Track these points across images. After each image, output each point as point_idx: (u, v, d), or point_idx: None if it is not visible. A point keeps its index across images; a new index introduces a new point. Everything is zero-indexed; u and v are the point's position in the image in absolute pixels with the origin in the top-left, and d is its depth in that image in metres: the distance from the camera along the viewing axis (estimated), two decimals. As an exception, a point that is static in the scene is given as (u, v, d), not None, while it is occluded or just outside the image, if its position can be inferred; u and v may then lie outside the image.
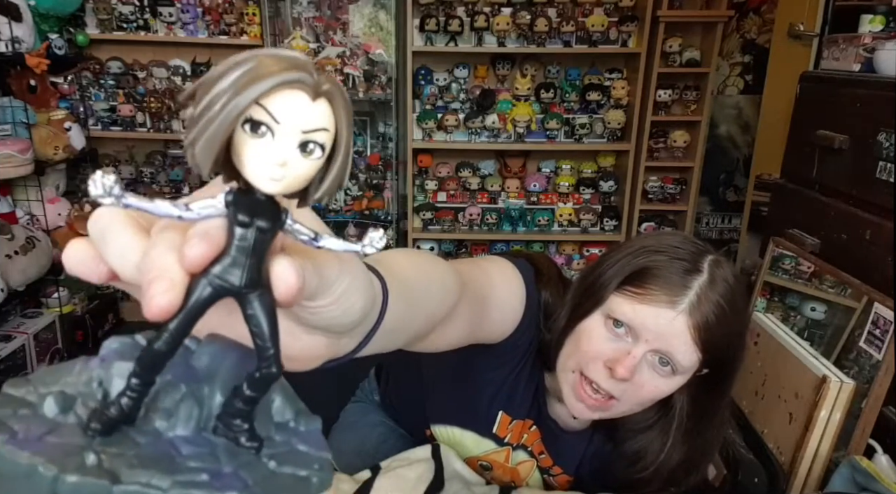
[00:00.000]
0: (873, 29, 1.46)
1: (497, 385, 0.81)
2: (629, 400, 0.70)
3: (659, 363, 0.68)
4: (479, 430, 0.87)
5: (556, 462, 0.87)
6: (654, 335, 0.66)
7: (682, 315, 0.65)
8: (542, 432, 0.85)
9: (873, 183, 1.29)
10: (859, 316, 1.26)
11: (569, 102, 2.58)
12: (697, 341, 0.66)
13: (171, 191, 2.69)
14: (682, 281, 0.66)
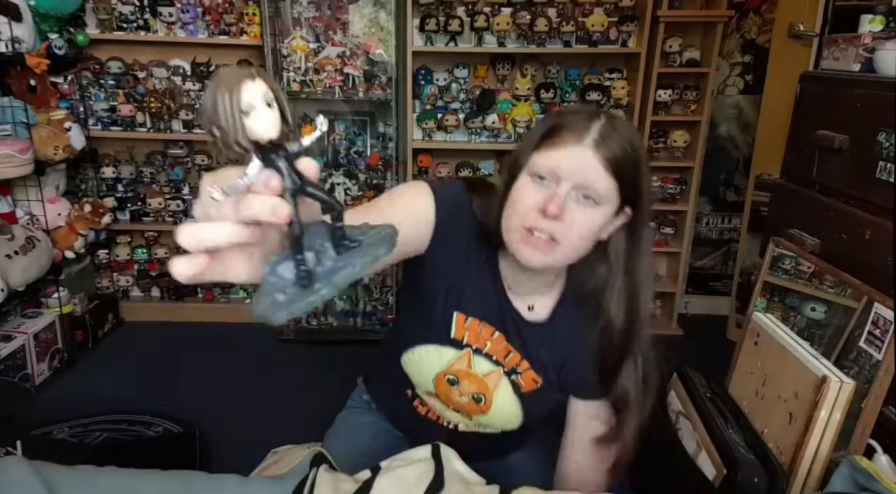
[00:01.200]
0: (873, 29, 1.46)
1: (444, 289, 0.90)
2: (568, 240, 0.80)
3: (583, 198, 0.79)
4: (439, 339, 0.93)
5: (522, 356, 0.92)
6: (570, 171, 0.78)
7: (589, 148, 0.77)
8: (507, 329, 0.92)
9: (873, 183, 1.29)
10: (859, 316, 1.26)
11: (569, 102, 2.57)
12: (608, 168, 0.77)
13: (171, 191, 2.69)
14: (585, 124, 0.79)
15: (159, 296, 2.79)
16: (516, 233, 0.81)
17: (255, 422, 1.98)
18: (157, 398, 2.11)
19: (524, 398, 0.95)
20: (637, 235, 0.85)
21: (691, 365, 1.62)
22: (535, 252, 0.80)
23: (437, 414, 1.03)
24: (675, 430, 1.51)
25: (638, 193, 0.81)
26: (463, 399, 0.96)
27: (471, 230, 0.89)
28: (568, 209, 0.78)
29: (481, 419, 0.98)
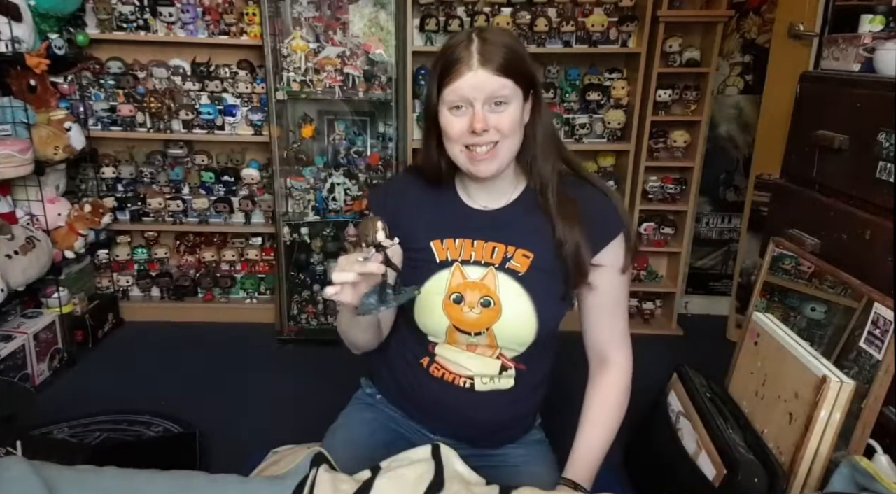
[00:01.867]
0: (873, 29, 1.46)
1: (417, 235, 1.05)
2: (503, 137, 0.95)
3: (495, 105, 0.94)
4: (430, 271, 1.04)
5: (504, 243, 1.02)
6: (475, 91, 0.93)
7: (480, 68, 0.92)
8: (481, 232, 1.03)
9: (873, 183, 1.29)
10: (859, 316, 1.26)
11: (569, 102, 2.58)
12: (501, 74, 0.93)
13: (171, 191, 2.69)
14: (466, 52, 0.93)
15: (159, 296, 2.79)
16: (461, 155, 0.97)
17: (256, 422, 1.98)
18: (158, 398, 2.11)
19: (527, 282, 1.01)
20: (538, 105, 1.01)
21: (691, 365, 1.63)
22: (483, 164, 0.96)
23: (453, 373, 1.06)
24: (676, 430, 1.51)
25: (532, 79, 0.98)
26: (474, 312, 1.01)
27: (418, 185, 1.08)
28: (489, 118, 0.94)
29: (500, 328, 1.02)
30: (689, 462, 1.40)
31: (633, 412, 1.92)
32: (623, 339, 1.09)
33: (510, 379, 1.07)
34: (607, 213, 1.02)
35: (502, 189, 1.05)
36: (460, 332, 1.03)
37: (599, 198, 1.03)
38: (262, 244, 2.78)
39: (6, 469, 0.78)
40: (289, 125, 2.58)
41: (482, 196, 1.05)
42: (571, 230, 0.99)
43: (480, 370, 1.05)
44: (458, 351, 1.05)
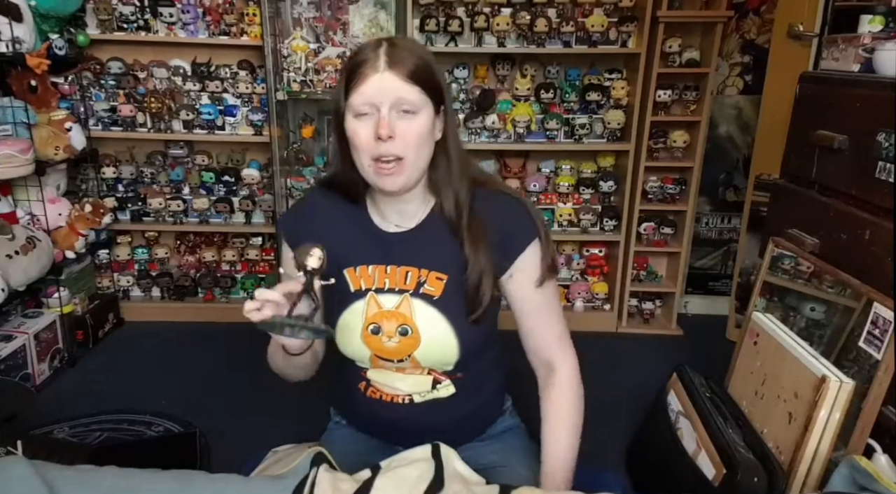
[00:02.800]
0: (873, 29, 1.46)
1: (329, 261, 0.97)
2: (409, 151, 0.91)
3: (403, 113, 0.90)
4: (346, 302, 1.01)
5: (417, 266, 1.00)
6: (381, 94, 0.89)
7: (387, 71, 0.89)
8: (392, 256, 1.01)
9: (873, 183, 1.30)
10: (858, 316, 1.26)
11: (568, 102, 2.58)
12: (409, 80, 0.89)
13: (172, 191, 2.69)
14: (374, 55, 0.90)
15: (160, 296, 2.79)
16: (369, 168, 0.92)
17: (256, 422, 1.98)
18: (158, 398, 2.11)
19: (442, 305, 0.99)
20: (450, 123, 0.98)
21: (691, 365, 1.63)
22: (389, 178, 0.92)
23: (390, 394, 1.06)
24: (675, 430, 1.52)
25: (441, 92, 0.94)
26: (393, 342, 1.00)
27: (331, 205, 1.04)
28: (396, 126, 0.89)
29: (420, 353, 1.00)
30: (688, 461, 1.40)
31: (633, 412, 1.93)
32: (561, 341, 1.05)
33: (449, 388, 1.06)
34: (520, 222, 1.00)
35: (412, 208, 1.01)
36: (383, 360, 1.03)
37: (512, 208, 1.01)
38: (263, 244, 2.78)
39: (7, 469, 0.78)
40: (289, 125, 2.58)
41: (393, 216, 1.01)
42: (477, 256, 0.96)
43: (414, 388, 1.05)
44: (389, 374, 1.04)
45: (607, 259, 2.79)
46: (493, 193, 1.02)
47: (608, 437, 1.90)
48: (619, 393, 2.16)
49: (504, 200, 1.01)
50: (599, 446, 1.86)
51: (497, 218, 0.99)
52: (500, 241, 0.98)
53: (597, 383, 2.32)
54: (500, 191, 1.03)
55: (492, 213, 0.99)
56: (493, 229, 0.98)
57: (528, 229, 1.00)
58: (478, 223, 0.98)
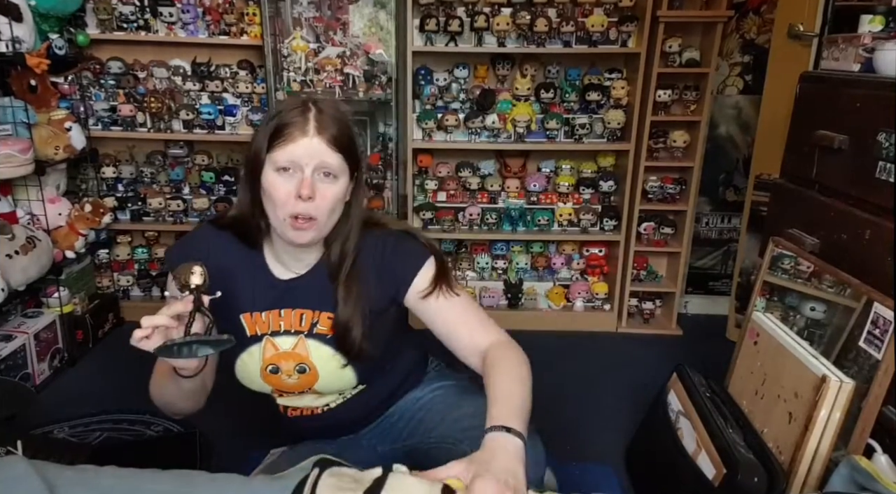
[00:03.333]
0: (873, 29, 1.46)
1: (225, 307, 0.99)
2: (323, 213, 0.97)
3: (324, 175, 0.96)
4: (243, 346, 1.06)
5: (311, 309, 1.06)
6: (308, 157, 0.94)
7: (315, 136, 0.95)
8: (285, 300, 1.06)
9: (873, 183, 1.30)
10: (859, 316, 1.26)
11: (569, 102, 2.58)
12: (333, 147, 0.95)
13: (172, 191, 2.69)
14: (302, 118, 0.95)
15: (160, 296, 2.79)
16: (284, 221, 0.97)
17: (256, 422, 1.97)
18: (158, 397, 2.11)
19: (335, 343, 1.06)
20: (358, 187, 1.05)
21: (691, 364, 1.63)
22: (300, 232, 0.97)
23: (309, 408, 1.15)
24: (675, 430, 1.52)
25: (358, 160, 1.01)
26: (292, 379, 1.07)
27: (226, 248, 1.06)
28: (317, 188, 0.95)
29: (320, 387, 1.08)
30: (688, 461, 1.40)
31: (633, 411, 1.93)
32: (483, 328, 1.08)
33: (359, 389, 1.14)
34: (406, 253, 1.08)
35: (305, 257, 1.07)
36: (284, 393, 1.11)
37: (402, 238, 1.09)
38: (263, 244, 2.78)
39: (7, 469, 0.78)
40: (289, 125, 2.57)
41: (290, 262, 1.07)
42: (346, 302, 1.03)
43: (325, 400, 1.14)
44: (298, 397, 1.13)
45: (607, 259, 2.79)
46: (385, 233, 1.09)
47: (608, 437, 1.90)
48: (619, 392, 2.16)
49: (395, 234, 1.09)
50: (600, 445, 1.87)
51: (381, 256, 1.07)
52: (388, 277, 1.06)
53: (597, 383, 2.33)
54: (389, 231, 1.10)
55: (379, 253, 1.07)
56: (374, 269, 1.06)
57: (416, 257, 1.07)
58: (355, 271, 1.05)
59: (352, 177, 1.01)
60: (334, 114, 0.98)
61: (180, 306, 0.86)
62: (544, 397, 1.17)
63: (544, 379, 2.13)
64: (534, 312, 2.75)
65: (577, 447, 1.89)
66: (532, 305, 2.78)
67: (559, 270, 2.78)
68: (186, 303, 0.86)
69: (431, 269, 1.07)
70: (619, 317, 2.75)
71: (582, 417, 2.04)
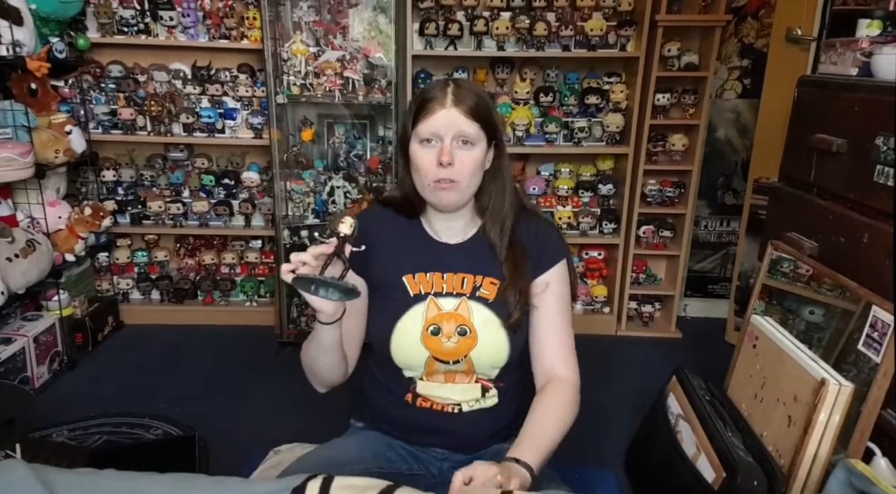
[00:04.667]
0: (871, 33, 1.47)
1: (389, 270, 1.10)
2: (463, 177, 1.03)
3: (462, 143, 1.03)
4: (406, 306, 1.09)
5: (473, 273, 1.10)
6: (446, 127, 1.02)
7: (452, 107, 1.02)
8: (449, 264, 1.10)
9: (871, 186, 1.30)
10: (857, 319, 1.26)
11: (568, 106, 2.58)
12: (469, 116, 1.02)
13: (172, 194, 2.69)
14: (442, 92, 1.03)
15: (159, 299, 2.79)
16: (429, 186, 1.04)
17: (255, 425, 1.98)
18: (157, 401, 2.11)
19: (496, 308, 1.08)
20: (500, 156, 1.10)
21: (690, 368, 1.63)
22: (444, 193, 1.04)
23: (440, 403, 1.12)
24: (675, 433, 1.52)
25: (496, 129, 1.07)
26: (452, 342, 1.07)
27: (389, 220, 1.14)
28: (455, 155, 1.02)
29: (477, 354, 1.08)
30: (688, 464, 1.40)
31: (633, 414, 1.93)
32: (568, 357, 1.12)
33: (494, 398, 1.14)
34: (553, 242, 1.13)
35: (460, 226, 1.12)
36: (439, 362, 1.09)
37: (547, 230, 1.15)
38: (262, 247, 2.78)
39: (6, 472, 0.78)
40: (289, 128, 2.58)
41: (445, 231, 1.13)
42: (514, 277, 1.08)
43: (464, 396, 1.12)
44: (439, 385, 1.11)
45: (606, 262, 2.79)
46: (533, 216, 1.16)
47: (607, 440, 1.90)
48: (618, 395, 2.16)
49: (541, 224, 1.15)
50: (599, 448, 1.87)
51: (532, 237, 1.12)
52: (533, 256, 1.11)
53: (596, 386, 2.33)
54: (540, 218, 1.17)
55: (530, 233, 1.12)
56: (529, 247, 1.11)
57: (560, 250, 1.13)
58: (518, 246, 1.10)
59: (489, 144, 1.07)
60: (472, 88, 1.06)
61: (324, 247, 0.92)
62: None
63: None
64: (533, 315, 2.75)
65: (576, 450, 1.87)
66: (531, 308, 2.78)
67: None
68: (330, 246, 0.92)
69: (564, 268, 1.13)
70: (619, 320, 2.75)
71: (581, 420, 2.03)
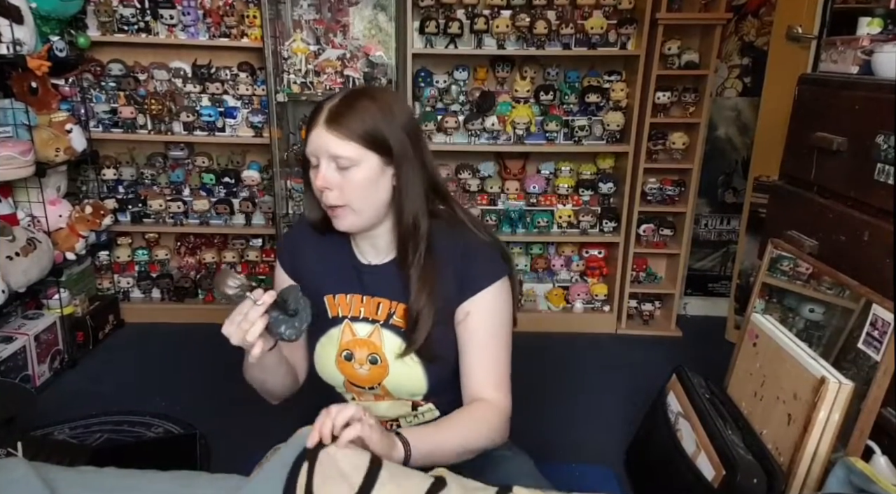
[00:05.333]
0: (871, 31, 1.47)
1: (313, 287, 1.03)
2: (353, 200, 0.95)
3: (338, 166, 0.93)
4: (324, 328, 1.05)
5: (388, 298, 1.03)
6: (318, 150, 0.93)
7: (324, 127, 0.92)
8: (367, 286, 1.04)
9: (871, 185, 1.30)
10: (857, 318, 1.26)
11: (568, 104, 2.58)
12: (343, 138, 0.92)
13: (172, 193, 2.69)
14: (319, 110, 0.94)
15: (160, 298, 2.79)
16: (328, 211, 0.98)
17: (256, 424, 1.97)
18: (158, 399, 2.11)
19: (408, 337, 1.00)
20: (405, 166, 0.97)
21: (690, 366, 1.63)
22: (338, 219, 0.97)
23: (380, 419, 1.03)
24: (675, 431, 1.52)
25: (387, 143, 0.94)
26: (364, 369, 1.04)
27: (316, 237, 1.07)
28: (333, 178, 0.93)
29: (390, 382, 1.03)
30: (688, 462, 1.40)
31: (633, 412, 1.93)
32: (501, 383, 1.02)
33: (433, 411, 1.06)
34: (479, 264, 1.01)
35: (383, 244, 1.04)
36: (355, 387, 1.06)
37: (476, 250, 1.02)
38: (263, 245, 2.78)
39: (7, 471, 0.78)
40: (289, 127, 2.58)
41: (368, 250, 1.05)
42: (420, 293, 0.98)
43: (395, 412, 1.07)
44: (370, 403, 1.06)
45: (607, 260, 2.79)
46: (466, 235, 1.02)
47: (607, 438, 1.90)
48: (618, 394, 2.16)
49: (472, 244, 1.01)
50: (599, 446, 1.87)
51: (458, 258, 1.00)
52: (454, 281, 1.00)
53: (596, 384, 2.34)
54: (474, 236, 1.03)
55: (456, 254, 1.00)
56: (449, 271, 0.99)
57: (486, 273, 1.00)
58: (431, 262, 0.99)
59: (388, 161, 0.95)
60: (359, 102, 0.93)
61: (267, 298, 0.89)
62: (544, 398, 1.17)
63: (544, 380, 2.13)
64: (533, 314, 2.75)
65: (576, 448, 1.89)
66: (532, 307, 2.78)
67: (559, 272, 2.79)
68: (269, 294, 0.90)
69: (494, 292, 1.00)
70: (619, 319, 2.75)
71: (581, 418, 2.04)
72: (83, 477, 0.81)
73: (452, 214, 1.05)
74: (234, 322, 0.90)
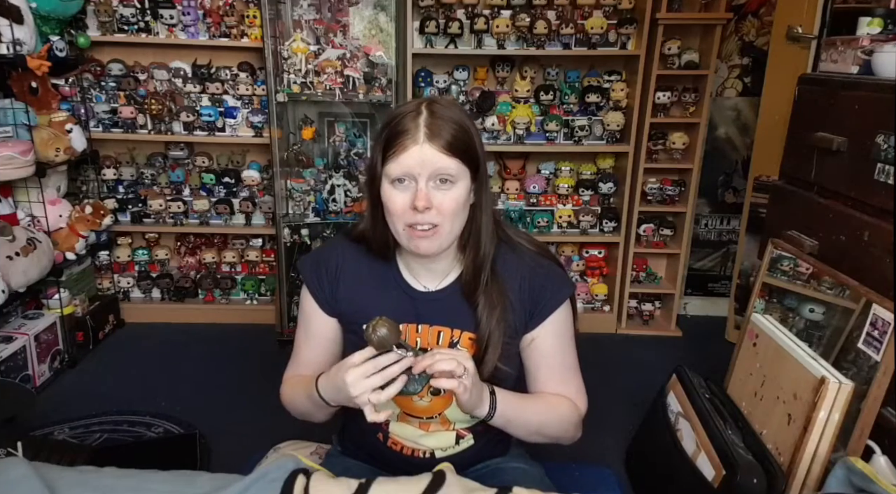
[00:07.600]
0: (871, 31, 1.47)
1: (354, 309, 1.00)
2: (445, 220, 0.91)
3: (440, 182, 0.90)
4: None
5: (450, 326, 0.99)
6: (420, 167, 0.88)
7: (426, 143, 0.88)
8: (425, 315, 1.00)
9: (871, 184, 1.30)
10: (857, 318, 1.26)
11: (568, 104, 2.58)
12: (447, 152, 0.88)
13: (172, 193, 2.69)
14: (413, 124, 0.89)
15: (160, 297, 2.79)
16: (404, 232, 0.92)
17: (256, 424, 1.98)
18: (158, 399, 2.11)
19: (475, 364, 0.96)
20: (483, 187, 0.97)
21: (690, 366, 1.63)
22: (424, 241, 0.91)
23: (411, 448, 1.04)
24: (675, 431, 1.52)
25: (478, 159, 0.93)
26: (425, 401, 1.00)
27: (362, 258, 1.02)
28: (433, 196, 0.89)
29: (452, 412, 1.00)
30: (688, 462, 1.40)
31: (633, 412, 1.93)
32: (579, 391, 1.04)
33: (470, 441, 1.05)
34: (550, 286, 1.00)
35: (443, 268, 1.00)
36: (410, 416, 1.02)
37: (543, 271, 1.01)
38: (263, 245, 2.78)
39: (7, 470, 0.78)
40: (289, 127, 2.58)
41: (423, 275, 1.01)
42: (489, 320, 0.96)
43: (437, 444, 1.04)
44: (413, 429, 1.03)
45: (607, 260, 2.79)
46: (522, 253, 1.01)
47: (607, 438, 1.90)
48: (618, 394, 2.16)
49: (536, 264, 1.01)
50: (599, 446, 1.87)
51: (526, 283, 0.99)
52: (523, 308, 0.98)
53: (596, 384, 2.33)
54: (533, 254, 1.02)
55: (522, 277, 0.99)
56: (517, 297, 0.98)
57: (557, 294, 1.00)
58: (497, 285, 0.97)
59: (473, 178, 0.93)
60: (448, 114, 0.90)
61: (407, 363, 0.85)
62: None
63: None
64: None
65: (576, 448, 1.88)
66: (532, 307, 2.78)
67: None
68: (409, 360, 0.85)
69: (568, 310, 1.01)
70: (619, 319, 2.75)
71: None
72: (83, 477, 0.81)
73: (507, 236, 1.03)
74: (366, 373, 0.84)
